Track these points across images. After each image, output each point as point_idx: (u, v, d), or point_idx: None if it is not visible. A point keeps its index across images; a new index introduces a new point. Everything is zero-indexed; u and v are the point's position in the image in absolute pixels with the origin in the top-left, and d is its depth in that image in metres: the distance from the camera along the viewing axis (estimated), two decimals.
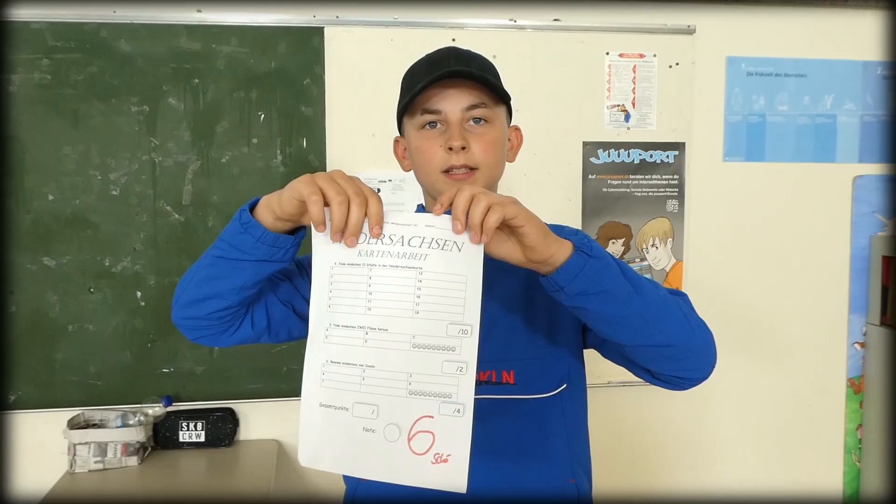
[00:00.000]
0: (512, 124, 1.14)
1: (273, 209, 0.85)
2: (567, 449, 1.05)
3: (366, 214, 0.80)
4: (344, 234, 0.80)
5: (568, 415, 1.05)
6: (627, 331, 0.87)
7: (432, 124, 1.03)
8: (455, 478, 0.82)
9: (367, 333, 0.82)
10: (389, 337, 0.81)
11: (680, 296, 0.95)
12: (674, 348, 0.89)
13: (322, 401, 0.84)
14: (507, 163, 1.13)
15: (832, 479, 2.37)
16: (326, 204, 0.79)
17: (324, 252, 0.81)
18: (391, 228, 0.80)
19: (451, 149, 1.00)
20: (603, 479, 2.22)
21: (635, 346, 0.90)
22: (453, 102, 1.02)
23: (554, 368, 1.05)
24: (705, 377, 0.94)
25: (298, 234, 0.91)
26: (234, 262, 0.91)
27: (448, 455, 0.82)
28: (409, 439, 0.82)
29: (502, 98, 1.05)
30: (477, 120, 1.03)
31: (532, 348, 1.04)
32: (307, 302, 1.06)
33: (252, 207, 0.89)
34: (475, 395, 0.92)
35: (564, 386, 1.05)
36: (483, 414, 0.99)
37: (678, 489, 2.32)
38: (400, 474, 0.83)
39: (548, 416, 1.04)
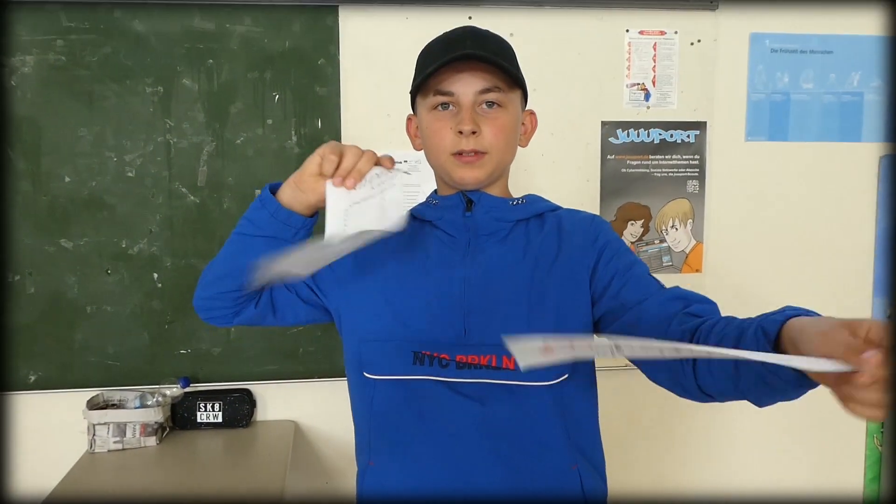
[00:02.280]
0: (527, 108, 1.12)
1: (295, 179, 0.96)
2: (566, 439, 1.03)
3: (377, 163, 0.95)
4: (347, 178, 0.92)
5: (567, 406, 1.03)
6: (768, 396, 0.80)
7: (444, 105, 1.03)
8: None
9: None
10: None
11: (711, 304, 0.95)
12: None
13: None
14: (519, 147, 1.11)
15: (852, 473, 2.35)
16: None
17: (337, 201, 0.94)
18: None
19: (461, 132, 1.00)
20: (619, 469, 2.22)
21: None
22: (466, 85, 1.01)
23: None
24: None
25: (309, 219, 0.98)
26: (249, 237, 0.98)
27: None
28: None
29: (517, 82, 1.04)
30: (490, 104, 1.02)
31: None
32: (311, 290, 1.13)
33: (274, 190, 0.98)
34: (476, 378, 1.00)
35: (565, 376, 1.02)
36: (483, 397, 1.00)
37: (692, 485, 2.30)
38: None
39: (544, 405, 1.02)
